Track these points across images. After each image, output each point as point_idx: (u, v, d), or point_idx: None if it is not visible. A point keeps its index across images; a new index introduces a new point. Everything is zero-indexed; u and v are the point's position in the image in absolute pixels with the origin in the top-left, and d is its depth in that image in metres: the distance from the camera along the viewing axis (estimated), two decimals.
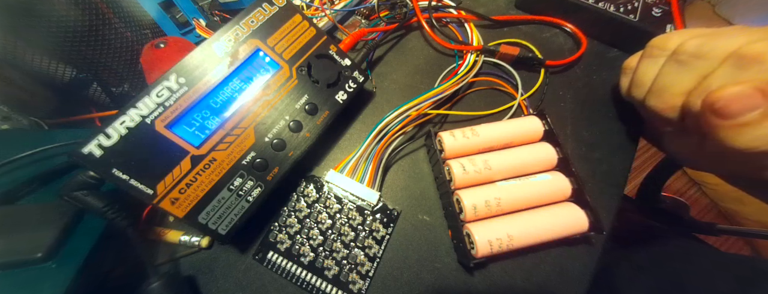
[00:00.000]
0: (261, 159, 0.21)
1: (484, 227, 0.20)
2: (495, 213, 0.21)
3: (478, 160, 0.22)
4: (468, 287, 0.22)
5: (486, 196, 0.21)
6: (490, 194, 0.21)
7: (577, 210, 0.21)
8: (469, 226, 0.20)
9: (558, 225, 0.21)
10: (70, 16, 0.26)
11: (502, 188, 0.21)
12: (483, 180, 0.22)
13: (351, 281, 0.22)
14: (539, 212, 0.21)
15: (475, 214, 0.21)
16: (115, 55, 0.29)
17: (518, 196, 0.21)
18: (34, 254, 0.18)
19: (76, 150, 0.16)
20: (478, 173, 0.21)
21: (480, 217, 0.21)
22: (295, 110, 0.22)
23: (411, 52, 0.31)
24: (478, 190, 0.21)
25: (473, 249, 0.20)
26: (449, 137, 0.23)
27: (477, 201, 0.21)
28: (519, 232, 0.20)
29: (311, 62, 0.23)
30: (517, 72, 0.27)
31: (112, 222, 0.19)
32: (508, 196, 0.21)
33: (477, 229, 0.20)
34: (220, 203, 0.20)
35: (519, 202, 0.21)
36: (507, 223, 0.21)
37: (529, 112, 0.26)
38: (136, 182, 0.18)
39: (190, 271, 0.22)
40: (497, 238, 0.20)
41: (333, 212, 0.23)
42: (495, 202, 0.21)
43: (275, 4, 0.22)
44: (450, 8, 0.31)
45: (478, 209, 0.20)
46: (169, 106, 0.19)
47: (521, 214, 0.21)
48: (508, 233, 0.20)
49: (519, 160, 0.22)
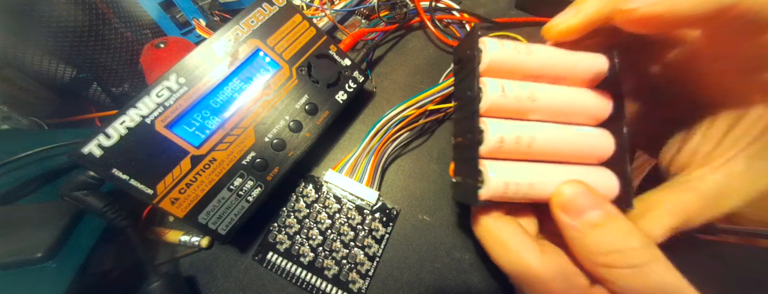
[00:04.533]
0: (261, 159, 0.21)
1: (504, 165, 0.16)
2: (522, 155, 0.16)
3: (521, 88, 0.16)
4: (468, 287, 0.22)
5: (519, 130, 0.16)
6: (525, 130, 0.16)
7: (611, 176, 0.17)
8: (486, 161, 0.16)
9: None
10: (70, 16, 0.26)
11: (540, 128, 0.16)
12: (520, 112, 0.17)
13: (351, 281, 0.22)
14: (569, 167, 0.17)
15: (498, 149, 0.16)
16: (115, 55, 0.29)
17: (555, 143, 0.17)
18: (34, 254, 0.18)
19: (76, 150, 0.16)
20: (518, 102, 0.16)
21: (502, 155, 0.16)
22: (295, 110, 0.22)
23: (411, 52, 0.31)
24: (510, 122, 0.16)
25: (482, 186, 0.15)
26: (495, 44, 0.16)
27: (507, 134, 0.16)
28: (542, 183, 0.15)
29: (311, 62, 0.23)
30: None
31: (112, 222, 0.19)
32: (544, 139, 0.16)
33: (495, 165, 0.16)
34: (220, 203, 0.20)
35: (554, 150, 0.17)
36: (532, 169, 0.16)
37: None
38: (136, 182, 0.18)
39: (190, 271, 0.22)
40: (516, 182, 0.15)
41: (332, 212, 0.23)
42: (527, 140, 0.16)
43: (275, 4, 0.22)
44: (453, 10, 0.31)
45: (506, 144, 0.16)
46: (169, 106, 0.19)
47: (549, 166, 0.17)
48: (530, 181, 0.15)
49: (569, 102, 0.17)
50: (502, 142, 0.16)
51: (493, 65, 0.16)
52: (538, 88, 0.17)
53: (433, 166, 0.26)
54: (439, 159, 0.26)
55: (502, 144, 0.16)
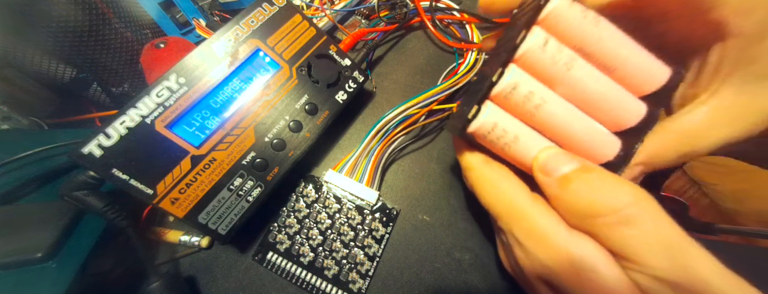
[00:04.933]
0: (261, 159, 0.21)
1: (503, 112, 0.16)
2: (524, 116, 0.16)
3: (563, 52, 0.15)
4: (468, 287, 0.22)
5: (536, 89, 0.15)
6: (541, 92, 0.15)
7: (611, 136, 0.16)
8: (489, 102, 0.15)
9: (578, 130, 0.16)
10: (70, 15, 0.26)
11: (555, 100, 0.16)
12: (548, 78, 0.16)
13: (351, 281, 0.22)
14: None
15: (507, 96, 0.15)
16: (115, 55, 0.29)
17: (561, 122, 0.16)
18: (34, 254, 0.18)
19: (76, 150, 0.16)
20: (552, 64, 0.15)
21: (508, 105, 0.16)
22: (295, 110, 0.22)
23: (411, 52, 0.31)
24: (531, 78, 0.16)
25: (474, 118, 0.15)
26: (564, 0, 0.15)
27: (523, 84, 0.15)
28: (526, 143, 0.15)
29: (311, 62, 0.23)
30: None
31: (112, 222, 0.19)
32: (552, 111, 0.15)
33: (495, 107, 0.15)
34: (220, 203, 0.20)
35: (555, 127, 0.16)
36: (525, 128, 0.16)
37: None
38: (136, 182, 0.18)
39: (190, 271, 0.22)
40: (504, 128, 0.15)
41: (332, 212, 0.23)
42: (537, 102, 0.15)
43: (275, 4, 0.22)
44: (453, 11, 0.31)
45: (515, 94, 0.15)
46: (169, 106, 0.19)
47: (541, 136, 0.16)
48: (516, 134, 0.15)
49: (602, 95, 0.16)
50: (514, 89, 0.15)
51: (553, 17, 0.15)
52: (580, 63, 0.15)
53: (433, 166, 0.26)
54: (439, 159, 0.26)
55: (513, 92, 0.15)
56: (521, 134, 0.16)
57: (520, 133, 0.16)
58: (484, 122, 0.15)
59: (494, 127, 0.15)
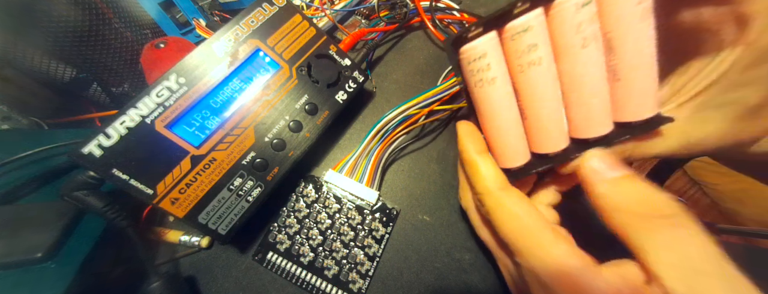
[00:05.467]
0: (261, 159, 0.21)
1: (498, 49, 0.14)
2: (512, 62, 0.14)
3: (591, 29, 0.14)
4: (468, 287, 0.22)
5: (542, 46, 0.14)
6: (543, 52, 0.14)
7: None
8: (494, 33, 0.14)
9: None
10: (70, 15, 0.26)
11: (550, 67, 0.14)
12: (561, 43, 0.14)
13: (351, 281, 0.22)
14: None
15: (511, 37, 0.14)
16: (115, 55, 0.29)
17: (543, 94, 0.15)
18: (34, 254, 0.18)
19: (76, 150, 0.16)
20: (574, 32, 0.14)
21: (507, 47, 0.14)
22: (295, 110, 0.22)
23: (411, 52, 0.31)
24: (546, 37, 0.14)
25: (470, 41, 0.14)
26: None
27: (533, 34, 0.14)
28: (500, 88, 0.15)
29: (311, 62, 0.23)
30: None
31: (112, 222, 0.19)
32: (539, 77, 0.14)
33: (494, 41, 0.14)
34: (220, 203, 0.20)
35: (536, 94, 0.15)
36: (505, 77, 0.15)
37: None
38: (136, 182, 0.18)
39: (190, 271, 0.22)
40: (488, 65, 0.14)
41: (332, 212, 0.23)
42: (532, 59, 0.14)
43: (275, 4, 0.22)
44: (453, 10, 0.31)
45: (521, 38, 0.14)
46: (169, 106, 0.19)
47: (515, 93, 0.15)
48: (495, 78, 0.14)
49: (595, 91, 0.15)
50: (525, 32, 0.14)
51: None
52: (596, 47, 0.14)
53: (433, 166, 0.26)
54: (439, 159, 0.26)
55: (521, 35, 0.14)
56: (499, 80, 0.14)
57: (498, 79, 0.14)
58: (475, 47, 0.14)
59: (481, 57, 0.14)
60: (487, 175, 0.16)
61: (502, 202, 0.15)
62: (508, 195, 0.16)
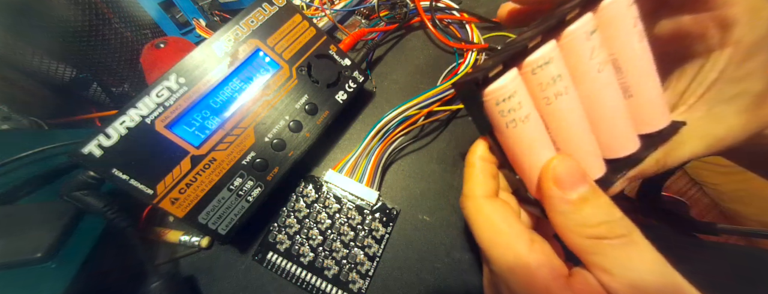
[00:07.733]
0: (261, 159, 0.21)
1: (523, 84, 0.14)
2: (538, 96, 0.14)
3: (602, 54, 0.14)
4: (468, 287, 0.22)
5: (564, 75, 0.14)
6: (567, 81, 0.14)
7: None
8: (513, 73, 0.13)
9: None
10: (69, 15, 0.26)
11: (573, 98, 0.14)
12: (579, 70, 0.14)
13: (351, 281, 0.22)
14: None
15: (533, 71, 0.14)
16: (115, 55, 0.29)
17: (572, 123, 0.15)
18: (34, 254, 0.18)
19: (76, 150, 0.16)
20: (589, 58, 0.14)
21: (528, 80, 0.14)
22: (295, 110, 0.22)
23: (411, 52, 0.31)
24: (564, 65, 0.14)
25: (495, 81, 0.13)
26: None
27: (555, 66, 0.13)
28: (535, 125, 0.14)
29: (311, 62, 0.23)
30: None
31: (112, 222, 0.19)
32: (569, 105, 0.14)
33: (519, 80, 0.14)
34: (220, 203, 0.20)
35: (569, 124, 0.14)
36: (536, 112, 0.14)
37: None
38: (136, 182, 0.18)
39: (190, 271, 0.22)
40: (519, 103, 0.13)
41: (332, 212, 0.23)
42: (558, 89, 0.14)
43: (275, 4, 0.22)
44: (453, 10, 0.31)
45: (544, 71, 0.13)
46: (169, 106, 0.19)
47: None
48: (528, 115, 0.14)
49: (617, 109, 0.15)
50: (547, 64, 0.13)
51: (610, 9, 0.14)
52: (610, 71, 0.14)
53: (434, 166, 0.26)
54: (439, 159, 0.26)
55: (544, 67, 0.13)
56: (532, 117, 0.14)
57: (532, 115, 0.14)
58: (505, 85, 0.13)
59: (512, 96, 0.13)
60: (477, 181, 0.16)
61: (481, 209, 0.15)
62: (491, 203, 0.15)
